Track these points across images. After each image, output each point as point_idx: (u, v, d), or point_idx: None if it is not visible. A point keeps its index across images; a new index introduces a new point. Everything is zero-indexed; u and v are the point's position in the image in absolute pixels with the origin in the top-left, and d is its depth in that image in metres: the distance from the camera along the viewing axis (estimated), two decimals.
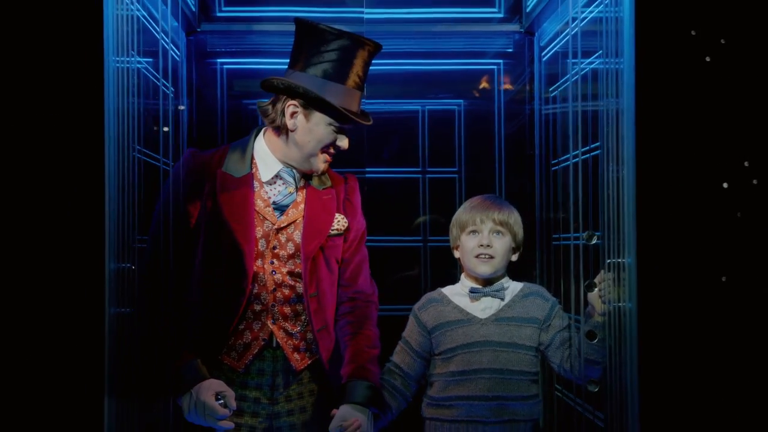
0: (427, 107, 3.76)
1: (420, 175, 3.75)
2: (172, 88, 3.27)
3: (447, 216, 3.17)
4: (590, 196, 2.74)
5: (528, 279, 3.15)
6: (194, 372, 2.71)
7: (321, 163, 2.86)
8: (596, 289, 2.76)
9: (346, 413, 2.74)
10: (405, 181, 3.64)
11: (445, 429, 2.98)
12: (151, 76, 3.02)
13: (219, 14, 3.66)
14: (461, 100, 3.69)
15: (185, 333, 2.81)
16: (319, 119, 2.79)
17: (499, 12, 3.41)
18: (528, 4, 3.43)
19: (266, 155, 2.87)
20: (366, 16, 3.58)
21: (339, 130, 2.84)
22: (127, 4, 2.48)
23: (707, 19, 3.31)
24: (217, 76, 3.65)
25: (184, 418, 2.73)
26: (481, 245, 2.97)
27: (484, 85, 3.76)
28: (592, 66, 2.76)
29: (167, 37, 3.22)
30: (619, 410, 2.61)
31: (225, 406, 2.64)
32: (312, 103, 2.77)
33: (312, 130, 2.80)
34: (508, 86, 3.81)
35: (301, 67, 2.79)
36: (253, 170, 2.88)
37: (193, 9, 3.59)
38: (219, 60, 3.69)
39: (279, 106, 2.80)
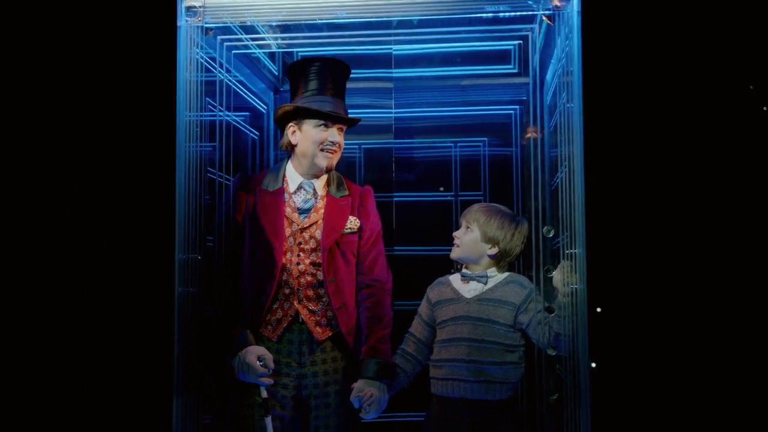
0: (458, 144, 4.09)
1: (453, 198, 4.09)
2: (256, 132, 3.92)
3: None
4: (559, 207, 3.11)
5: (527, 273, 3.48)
6: (243, 340, 3.18)
7: (322, 160, 3.30)
8: (556, 273, 3.15)
9: (361, 386, 3.17)
10: (441, 203, 3.99)
11: (439, 385, 3.37)
12: (239, 126, 3.70)
13: None
14: (485, 138, 4.01)
15: (237, 309, 3.30)
16: (309, 125, 3.28)
17: (514, 68, 3.76)
18: (534, 60, 3.63)
19: (292, 173, 3.36)
20: (394, 74, 3.94)
21: (326, 128, 3.30)
22: (201, 65, 3.18)
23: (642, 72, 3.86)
24: None
25: (236, 376, 3.19)
26: (456, 235, 3.47)
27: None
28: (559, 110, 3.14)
29: (255, 96, 3.88)
30: (574, 367, 2.97)
31: (265, 366, 3.11)
32: (301, 115, 3.28)
33: (306, 135, 3.29)
34: (526, 131, 4.04)
35: (293, 97, 3.33)
36: (284, 185, 3.35)
37: (276, 74, 4.09)
38: None
39: (284, 132, 3.35)
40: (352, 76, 3.51)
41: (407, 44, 3.87)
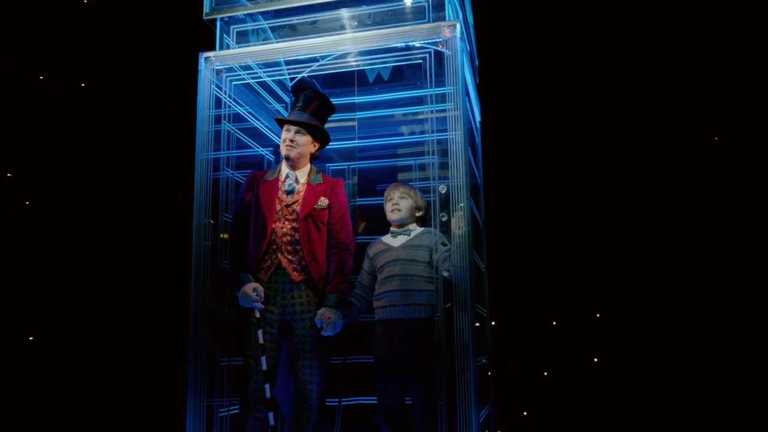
0: (417, 161, 4.87)
1: None
2: (273, 156, 4.96)
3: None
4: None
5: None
6: (246, 278, 4.14)
7: (283, 151, 4.27)
8: (453, 220, 3.93)
9: (323, 311, 4.05)
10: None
11: (380, 312, 4.24)
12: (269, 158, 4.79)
13: None
14: (436, 156, 4.29)
15: (244, 260, 4.22)
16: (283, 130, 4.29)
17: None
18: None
19: (284, 166, 4.32)
20: (358, 116, 4.99)
21: (287, 131, 4.27)
22: (214, 94, 4.29)
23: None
24: None
25: (239, 303, 4.11)
26: (394, 203, 4.34)
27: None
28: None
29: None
30: (461, 285, 3.81)
31: (258, 295, 4.05)
32: (279, 124, 4.33)
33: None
34: None
35: None
36: (278, 177, 4.29)
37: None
38: None
39: None
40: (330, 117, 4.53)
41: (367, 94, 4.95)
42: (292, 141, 4.29)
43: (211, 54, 4.35)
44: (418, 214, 4.40)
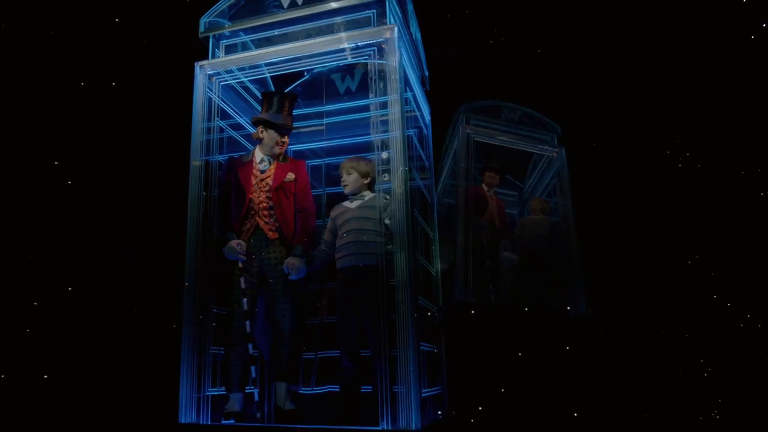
0: (381, 154, 5.02)
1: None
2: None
3: None
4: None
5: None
6: (231, 236, 4.90)
7: (277, 149, 5.05)
8: (393, 182, 4.57)
9: (289, 260, 4.83)
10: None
11: (340, 262, 4.90)
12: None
13: None
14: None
15: (228, 223, 4.97)
16: (271, 131, 5.07)
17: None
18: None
19: (258, 153, 5.10)
20: (326, 121, 5.80)
21: (279, 133, 5.06)
22: (208, 98, 5.12)
23: None
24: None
25: (226, 257, 4.85)
26: (342, 181, 5.07)
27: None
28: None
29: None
30: (400, 234, 4.45)
31: (241, 249, 4.81)
32: (266, 125, 5.08)
33: (271, 136, 5.07)
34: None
35: (264, 111, 5.10)
36: (253, 158, 5.06)
37: None
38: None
39: (256, 129, 5.10)
40: (308, 123, 5.51)
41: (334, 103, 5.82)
42: (283, 143, 5.12)
43: (204, 62, 5.27)
44: (366, 181, 5.07)
